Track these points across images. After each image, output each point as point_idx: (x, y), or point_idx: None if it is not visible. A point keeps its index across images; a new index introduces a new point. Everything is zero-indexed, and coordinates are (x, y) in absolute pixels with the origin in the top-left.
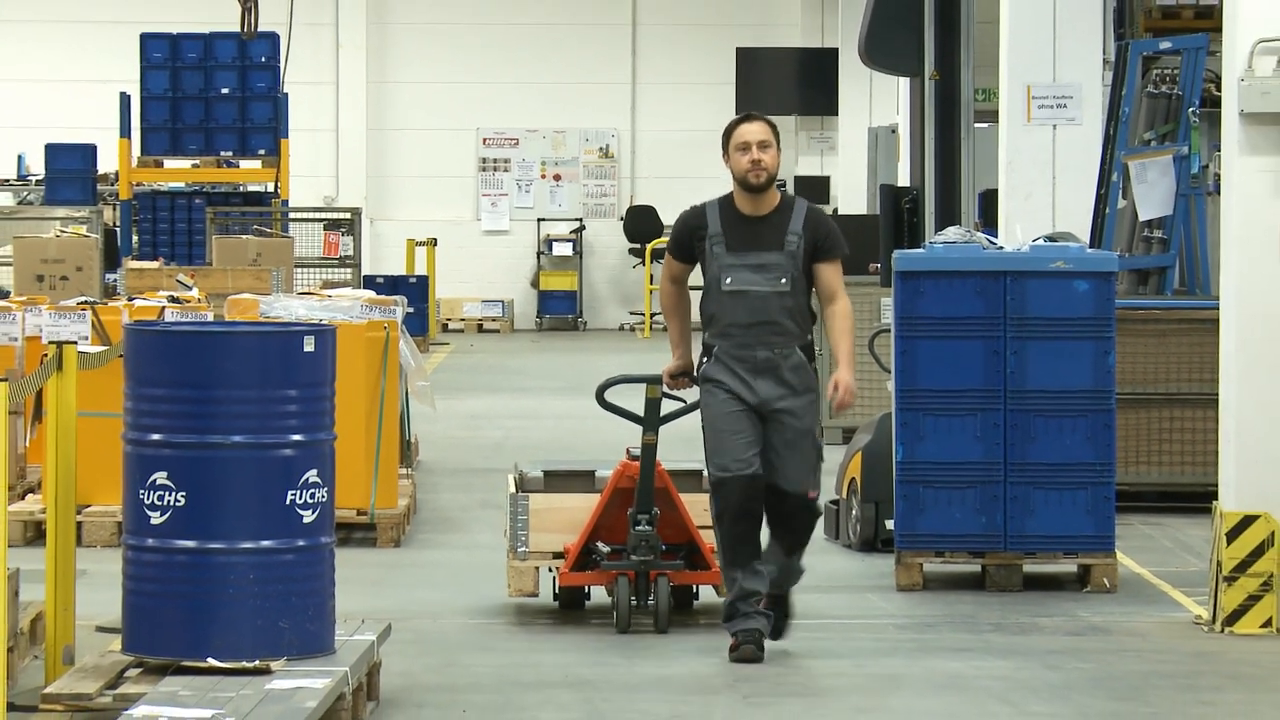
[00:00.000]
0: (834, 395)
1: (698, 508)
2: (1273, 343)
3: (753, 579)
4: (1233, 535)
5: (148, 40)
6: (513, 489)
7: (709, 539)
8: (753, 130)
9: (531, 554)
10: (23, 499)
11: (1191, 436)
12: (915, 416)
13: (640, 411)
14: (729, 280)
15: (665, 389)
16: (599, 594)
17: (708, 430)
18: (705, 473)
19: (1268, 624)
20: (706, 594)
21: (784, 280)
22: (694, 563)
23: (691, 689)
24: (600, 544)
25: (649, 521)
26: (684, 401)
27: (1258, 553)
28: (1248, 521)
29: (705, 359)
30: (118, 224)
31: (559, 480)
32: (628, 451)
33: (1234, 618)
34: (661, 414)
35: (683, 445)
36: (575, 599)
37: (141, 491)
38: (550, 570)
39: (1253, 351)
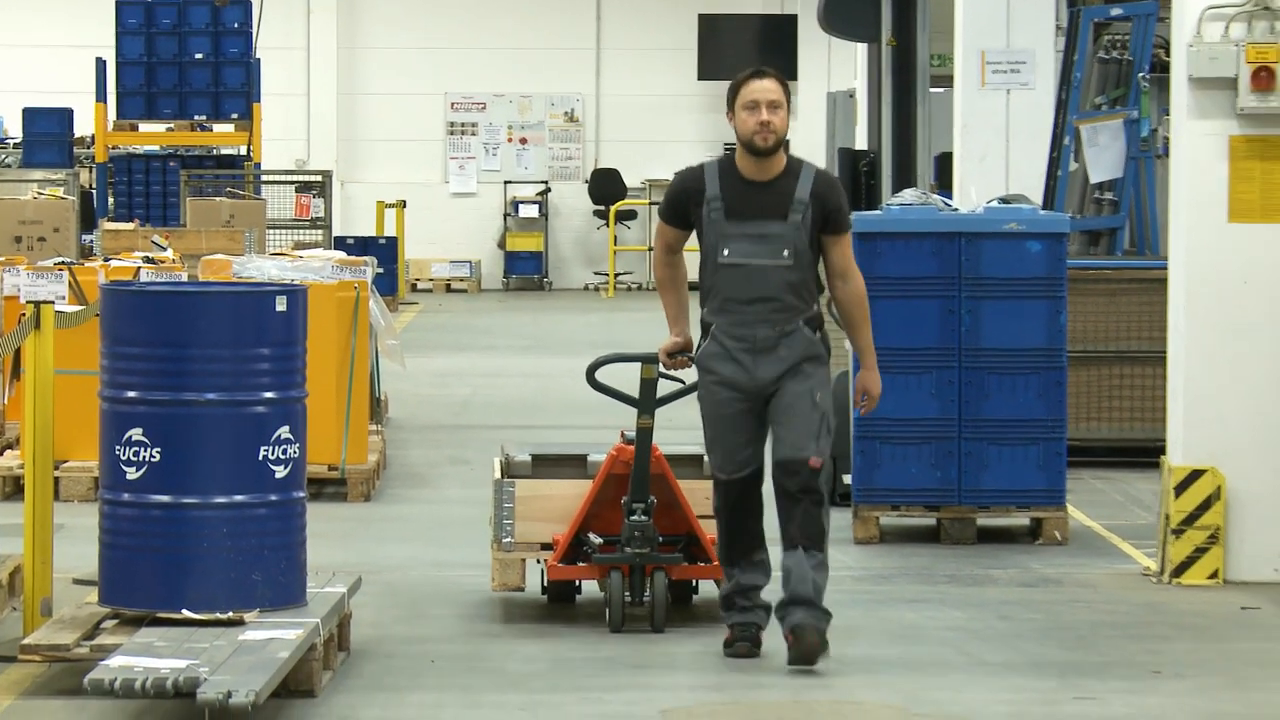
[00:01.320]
0: (861, 402)
1: (698, 496)
2: (1219, 302)
3: (752, 572)
4: (1180, 489)
5: (123, 6)
6: (498, 474)
7: (710, 530)
8: (763, 88)
9: (517, 545)
10: (1, 455)
11: (1141, 393)
12: None
13: (635, 393)
14: (727, 251)
15: (661, 369)
16: (591, 585)
17: (705, 426)
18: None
19: (1214, 575)
20: (707, 587)
21: (786, 253)
22: (693, 555)
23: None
24: (592, 535)
25: (645, 511)
26: (682, 381)
27: (1205, 506)
28: (1195, 476)
29: (703, 339)
30: (94, 186)
31: (548, 464)
32: (622, 434)
33: (1181, 569)
34: (658, 395)
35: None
36: (565, 592)
37: (117, 447)
38: (539, 562)
39: (1200, 310)
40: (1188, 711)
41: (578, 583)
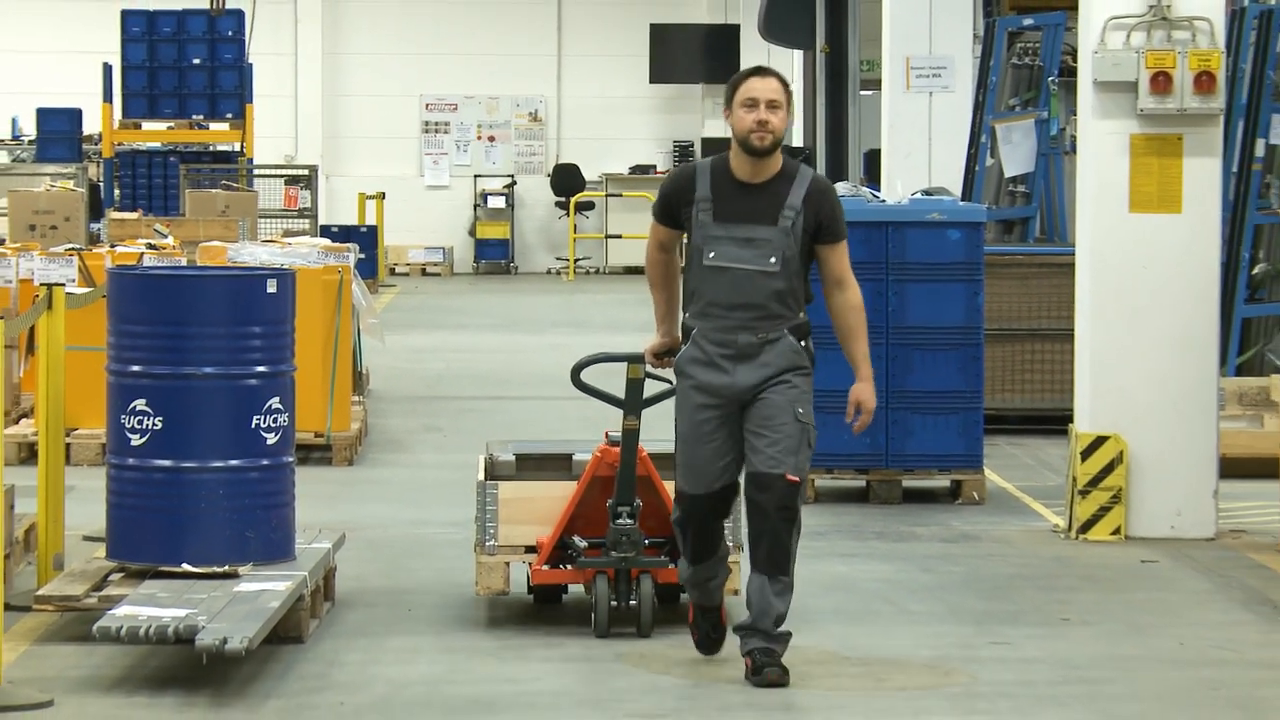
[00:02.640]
0: (853, 417)
1: None
2: (1122, 284)
3: (712, 566)
4: (1086, 454)
5: (128, 16)
6: (481, 475)
7: None
8: (764, 86)
9: (500, 548)
10: (17, 423)
11: (1051, 367)
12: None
13: (621, 393)
14: (711, 254)
15: (648, 369)
16: (577, 586)
17: (678, 436)
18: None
19: (1116, 532)
20: None
21: (773, 259)
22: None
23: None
24: (577, 538)
25: (631, 514)
26: (670, 382)
27: (1108, 469)
28: (1099, 442)
29: (684, 343)
30: (101, 179)
31: (532, 464)
32: (606, 435)
33: (1087, 526)
34: (645, 396)
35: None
36: (551, 593)
37: (123, 416)
38: (525, 564)
39: (1104, 292)
40: (1092, 655)
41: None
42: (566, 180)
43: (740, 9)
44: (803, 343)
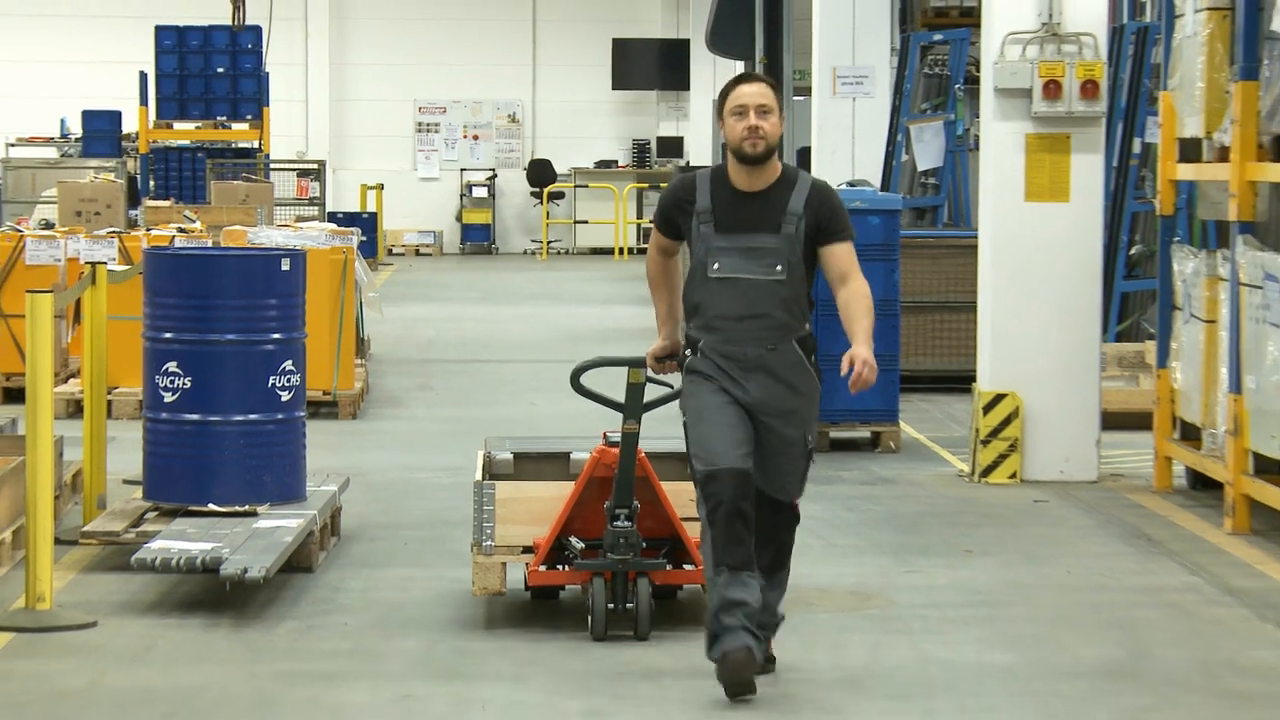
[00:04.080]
0: (849, 371)
1: (681, 498)
2: (1018, 263)
3: (741, 587)
4: (987, 409)
5: (161, 31)
6: (479, 474)
7: (694, 532)
8: (751, 92)
9: (498, 549)
10: (65, 383)
11: (957, 334)
12: None
13: (621, 398)
14: (716, 266)
15: (649, 373)
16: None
17: (692, 422)
18: (690, 469)
19: (1013, 476)
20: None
21: (779, 267)
22: (677, 559)
23: None
24: (574, 539)
25: (628, 517)
26: (670, 386)
27: (1006, 422)
28: (998, 398)
29: (689, 353)
30: (138, 172)
31: (530, 463)
32: (604, 436)
33: (988, 471)
34: (646, 400)
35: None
36: (548, 591)
37: (157, 377)
38: (522, 565)
39: (1003, 270)
40: (993, 581)
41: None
42: (540, 173)
43: (690, 25)
44: (810, 358)
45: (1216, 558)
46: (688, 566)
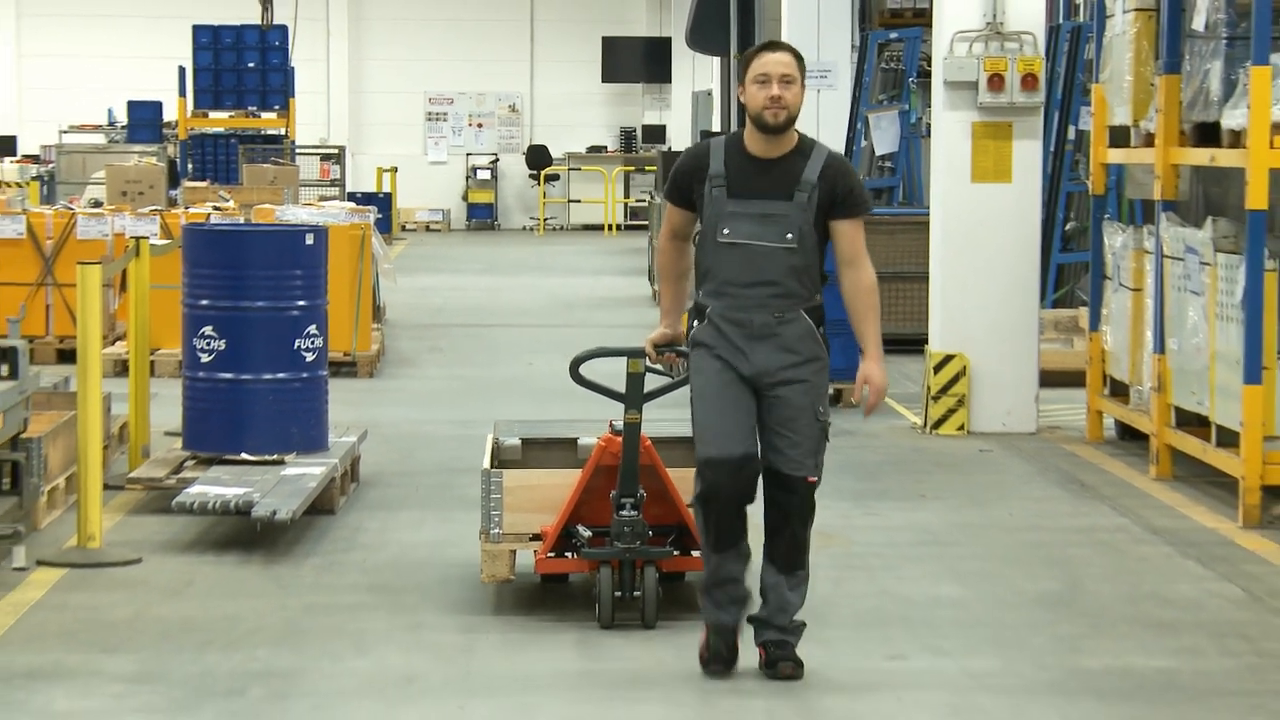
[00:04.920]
0: (862, 397)
1: (688, 484)
2: (965, 238)
3: (734, 563)
4: (938, 368)
5: (197, 30)
6: (487, 462)
7: None
8: (776, 60)
9: (505, 536)
10: (113, 345)
11: (911, 301)
12: None
13: (622, 388)
14: (726, 230)
15: (648, 363)
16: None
17: (696, 402)
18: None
19: (961, 428)
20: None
21: (790, 235)
22: (685, 545)
23: None
24: (581, 527)
25: (634, 506)
26: (671, 376)
27: (954, 380)
28: (948, 359)
29: (696, 320)
30: (177, 156)
31: (538, 450)
32: (611, 425)
33: (938, 424)
34: (646, 390)
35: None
36: (557, 575)
37: (195, 339)
38: (533, 552)
39: (952, 244)
40: (943, 522)
41: None
42: (538, 157)
43: (672, 25)
44: (820, 329)
45: (1142, 501)
46: (695, 553)
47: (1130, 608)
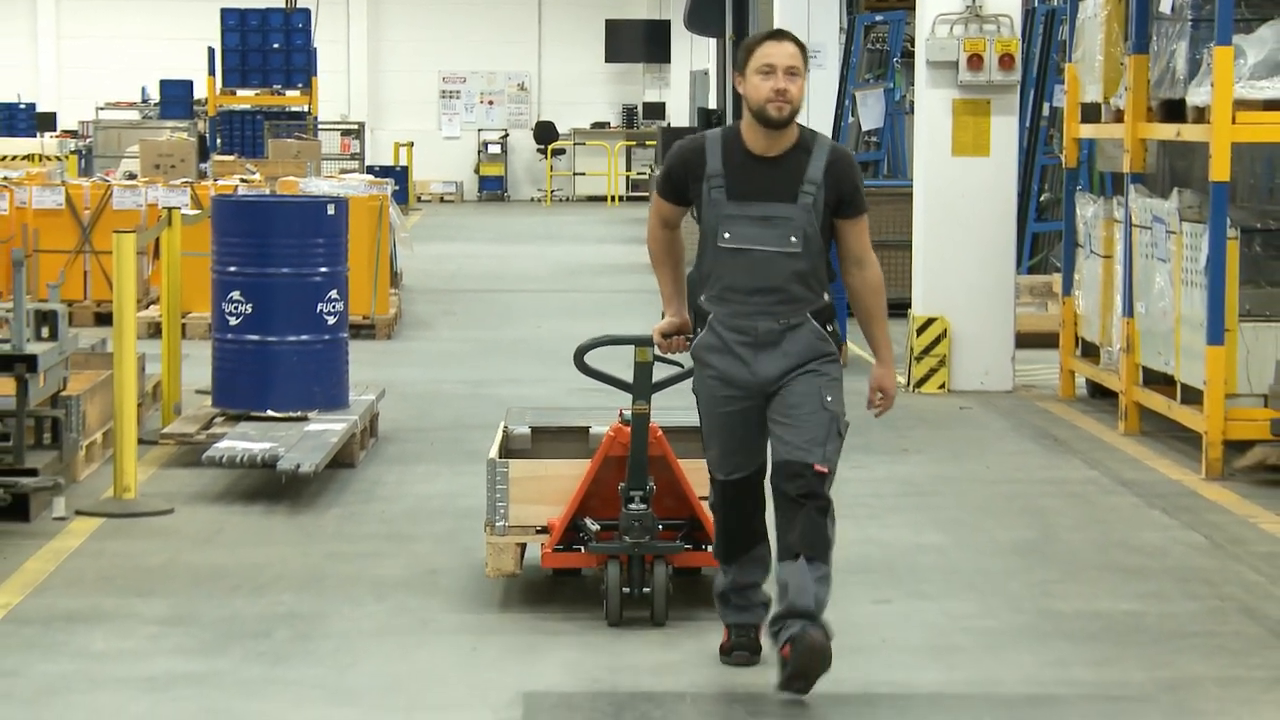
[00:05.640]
0: (873, 403)
1: (700, 475)
2: (946, 208)
3: (751, 568)
4: (920, 330)
5: (225, 12)
6: (495, 452)
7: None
8: (780, 52)
9: (511, 529)
10: (147, 308)
11: (895, 268)
12: None
13: (629, 378)
14: (728, 235)
15: (657, 352)
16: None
17: (702, 420)
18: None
19: (942, 386)
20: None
21: (794, 239)
22: (696, 539)
23: None
24: (589, 520)
25: (643, 499)
26: (680, 365)
27: (936, 341)
28: (930, 322)
29: (699, 329)
30: (207, 132)
31: (548, 439)
32: (620, 414)
33: (920, 382)
34: (655, 379)
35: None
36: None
37: (223, 304)
38: (541, 544)
39: (934, 215)
40: (925, 474)
41: None
42: (545, 133)
43: (671, 8)
44: (828, 327)
45: (1111, 455)
46: (707, 548)
47: (1100, 555)
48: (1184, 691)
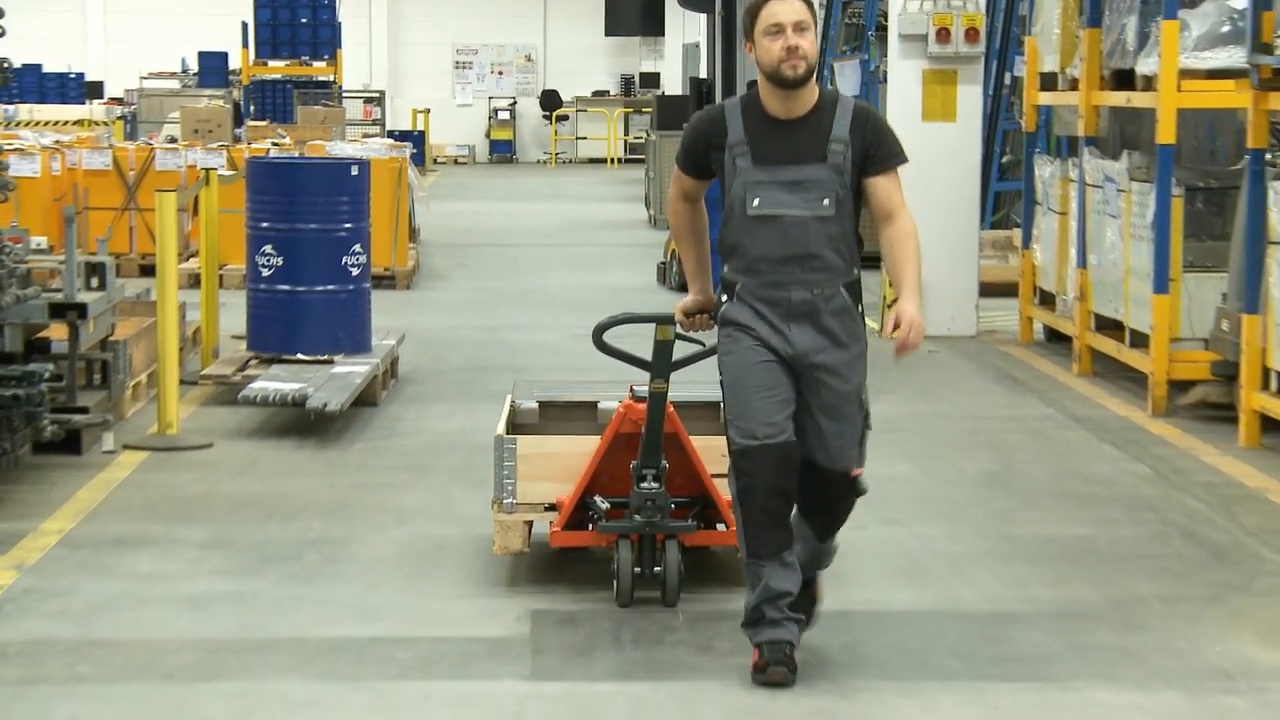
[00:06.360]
0: (894, 332)
1: (712, 453)
2: (916, 170)
3: (782, 576)
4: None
5: None
6: (502, 428)
7: (725, 490)
8: (786, 10)
9: (519, 506)
10: (187, 261)
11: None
12: (709, 213)
13: (648, 356)
14: (756, 202)
15: (679, 329)
16: None
17: (729, 385)
18: (726, 434)
19: None
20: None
21: (826, 201)
22: (708, 517)
23: None
24: (598, 498)
25: (656, 478)
26: (702, 344)
27: None
28: None
29: (725, 299)
30: (241, 100)
31: (556, 413)
32: (631, 390)
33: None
34: (675, 358)
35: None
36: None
37: (257, 256)
38: (549, 522)
39: (905, 177)
40: (897, 412)
41: None
42: (550, 100)
43: None
44: (859, 305)
45: (1066, 394)
46: (720, 527)
47: (1055, 484)
48: (1131, 608)
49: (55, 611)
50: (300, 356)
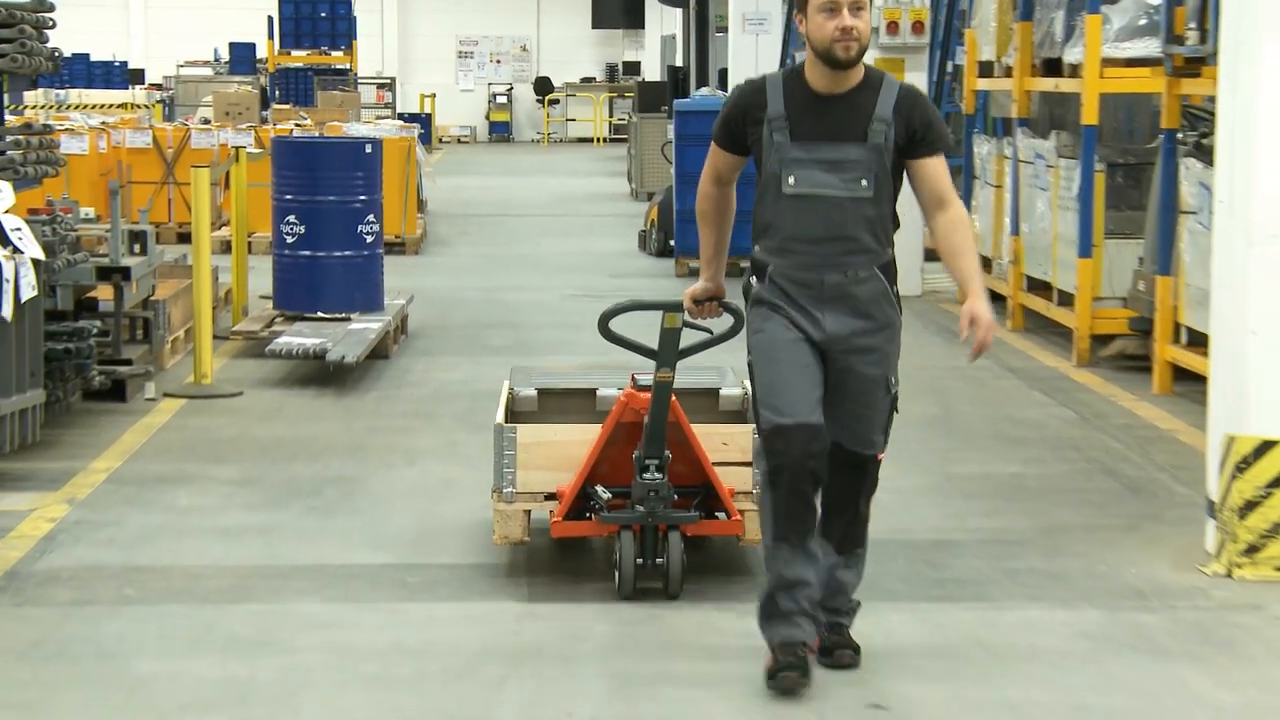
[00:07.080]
0: (969, 333)
1: (714, 441)
2: None
3: (802, 564)
4: None
5: None
6: (501, 417)
7: (727, 479)
8: None
9: (519, 495)
10: (219, 229)
11: None
12: (683, 186)
13: (655, 344)
14: (792, 180)
15: (687, 317)
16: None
17: (759, 363)
18: (755, 416)
19: None
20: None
21: (865, 182)
22: (709, 507)
23: None
24: (599, 488)
25: (659, 468)
26: (710, 332)
27: None
28: None
29: (755, 280)
30: (268, 85)
31: (554, 400)
32: (633, 379)
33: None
34: (681, 346)
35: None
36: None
37: (281, 225)
38: (549, 512)
39: None
40: None
41: None
42: (543, 86)
43: None
44: (894, 287)
45: (1000, 347)
46: (720, 516)
47: (991, 427)
48: (1058, 535)
49: (104, 540)
50: (320, 314)
